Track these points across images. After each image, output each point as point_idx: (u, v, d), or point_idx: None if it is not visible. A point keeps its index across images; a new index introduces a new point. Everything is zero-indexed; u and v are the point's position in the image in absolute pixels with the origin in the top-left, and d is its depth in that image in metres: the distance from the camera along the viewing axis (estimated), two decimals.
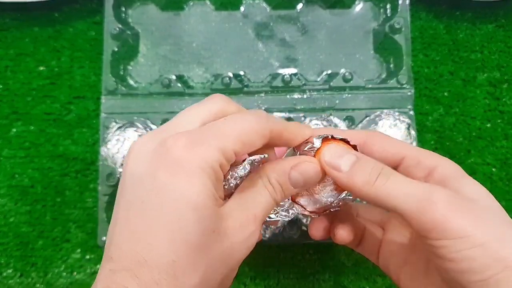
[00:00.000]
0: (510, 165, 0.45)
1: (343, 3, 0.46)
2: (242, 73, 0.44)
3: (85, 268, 0.43)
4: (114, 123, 0.41)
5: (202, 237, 0.20)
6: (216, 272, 0.21)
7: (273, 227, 0.36)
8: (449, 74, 0.46)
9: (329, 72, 0.45)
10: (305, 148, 0.25)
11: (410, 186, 0.22)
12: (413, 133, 0.40)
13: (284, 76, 0.42)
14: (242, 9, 0.46)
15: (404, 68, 0.42)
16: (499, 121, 0.46)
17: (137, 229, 0.20)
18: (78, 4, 0.47)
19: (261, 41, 0.45)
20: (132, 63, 0.45)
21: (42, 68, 0.46)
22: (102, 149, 0.38)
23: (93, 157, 0.45)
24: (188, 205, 0.20)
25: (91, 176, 0.45)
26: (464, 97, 0.46)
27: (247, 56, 0.45)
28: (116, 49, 0.43)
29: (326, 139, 0.25)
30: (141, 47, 0.45)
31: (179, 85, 0.42)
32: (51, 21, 0.47)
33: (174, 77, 0.43)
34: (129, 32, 0.44)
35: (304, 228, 0.39)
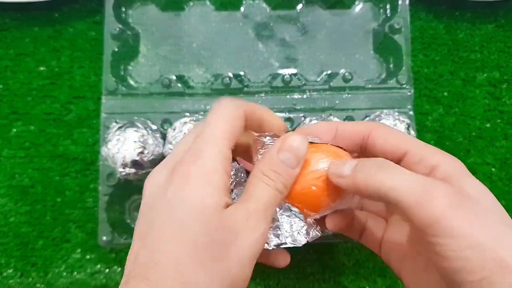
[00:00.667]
0: (510, 165, 0.45)
1: (343, 3, 0.46)
2: (242, 73, 0.44)
3: (85, 268, 0.43)
4: (114, 123, 0.41)
5: (206, 236, 0.22)
6: (224, 269, 0.22)
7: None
8: (449, 74, 0.47)
9: (329, 72, 0.45)
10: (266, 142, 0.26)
11: (411, 179, 0.21)
12: (412, 133, 0.40)
13: (284, 76, 0.43)
14: (242, 9, 0.46)
15: (404, 68, 0.42)
16: (498, 121, 0.46)
17: (148, 237, 0.22)
18: (78, 4, 0.47)
19: (261, 41, 0.45)
20: (132, 63, 0.45)
21: (42, 68, 0.47)
22: (103, 149, 0.38)
23: (93, 157, 0.45)
24: (191, 209, 0.22)
25: (91, 176, 0.45)
26: (464, 97, 0.46)
27: (247, 56, 0.45)
28: (116, 49, 0.43)
29: (311, 145, 0.25)
30: (141, 47, 0.45)
31: (179, 85, 0.43)
32: (51, 21, 0.47)
33: (174, 77, 0.43)
34: (129, 32, 0.44)
35: None
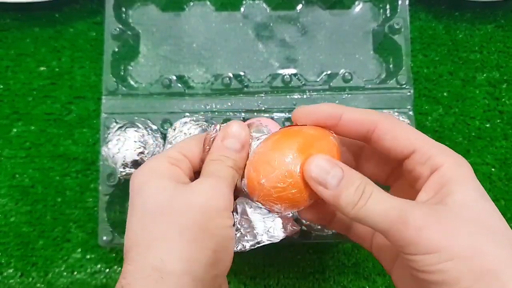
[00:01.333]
0: (509, 165, 0.45)
1: (342, 3, 0.46)
2: (242, 73, 0.44)
3: (85, 268, 0.43)
4: (114, 123, 0.41)
5: (168, 200, 0.24)
6: (194, 237, 0.23)
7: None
8: (449, 74, 0.47)
9: (329, 72, 0.45)
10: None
11: (386, 206, 0.22)
12: None
13: (284, 76, 0.43)
14: (242, 9, 0.46)
15: (403, 68, 0.42)
16: (498, 121, 0.46)
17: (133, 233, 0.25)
18: (79, 4, 0.48)
19: (261, 41, 0.46)
20: (132, 64, 0.45)
21: (42, 68, 0.47)
22: (103, 149, 0.38)
23: (93, 157, 0.45)
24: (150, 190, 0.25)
25: (92, 176, 0.45)
26: (464, 97, 0.46)
27: (247, 57, 0.45)
28: (117, 50, 0.43)
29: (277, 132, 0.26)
30: (142, 47, 0.46)
31: (180, 85, 0.43)
32: (51, 22, 0.47)
33: (174, 78, 0.43)
34: (129, 33, 0.44)
35: (304, 228, 0.39)
